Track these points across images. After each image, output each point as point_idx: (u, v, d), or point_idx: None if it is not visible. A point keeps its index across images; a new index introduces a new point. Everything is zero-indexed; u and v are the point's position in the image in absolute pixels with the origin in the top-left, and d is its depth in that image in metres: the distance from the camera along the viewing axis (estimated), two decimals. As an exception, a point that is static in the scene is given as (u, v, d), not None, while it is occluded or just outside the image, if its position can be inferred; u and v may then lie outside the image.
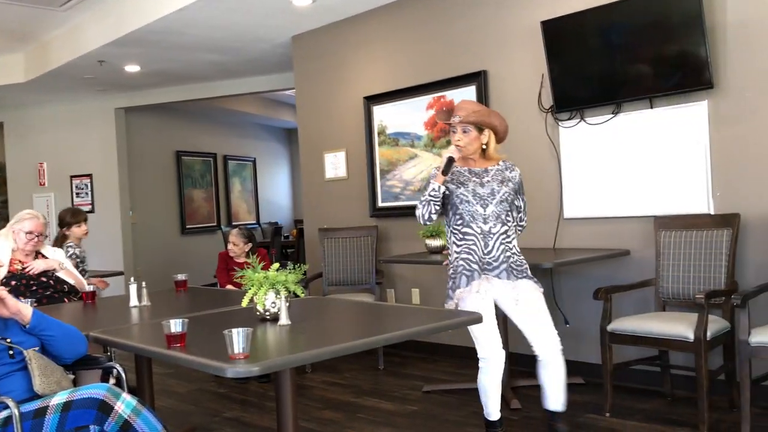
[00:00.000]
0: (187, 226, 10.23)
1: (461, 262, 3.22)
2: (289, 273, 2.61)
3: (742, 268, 3.86)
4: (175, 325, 2.22)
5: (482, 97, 5.06)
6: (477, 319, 2.58)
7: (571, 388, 4.35)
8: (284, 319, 2.52)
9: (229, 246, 5.38)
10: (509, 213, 3.25)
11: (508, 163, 3.33)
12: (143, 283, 3.48)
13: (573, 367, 4.56)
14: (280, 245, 10.37)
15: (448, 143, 5.36)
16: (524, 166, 4.85)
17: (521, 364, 4.77)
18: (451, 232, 3.28)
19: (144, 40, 6.25)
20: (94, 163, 9.10)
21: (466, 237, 3.20)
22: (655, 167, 4.23)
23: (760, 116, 3.81)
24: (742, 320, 3.33)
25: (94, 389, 2.38)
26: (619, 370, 3.93)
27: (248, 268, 2.65)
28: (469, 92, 5.15)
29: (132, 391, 2.57)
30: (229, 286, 5.09)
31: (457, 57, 5.24)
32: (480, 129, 3.23)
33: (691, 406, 3.62)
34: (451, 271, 3.28)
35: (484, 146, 3.27)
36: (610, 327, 3.80)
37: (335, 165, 6.25)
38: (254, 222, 11.54)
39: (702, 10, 3.85)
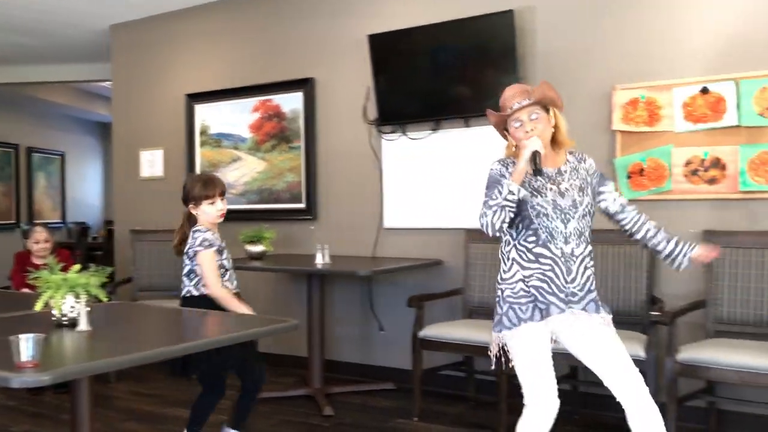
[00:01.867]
0: (-20, 223, 9.24)
1: (532, 290, 2.51)
2: (92, 275, 2.42)
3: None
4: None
5: (309, 105, 5.07)
6: (292, 326, 2.52)
7: (381, 393, 4.49)
8: (84, 325, 2.33)
9: (36, 245, 4.91)
10: (589, 228, 2.57)
11: (577, 153, 2.64)
12: None
13: (385, 373, 4.70)
14: (86, 246, 9.70)
15: (273, 147, 5.28)
16: (347, 176, 4.98)
17: (336, 370, 4.82)
18: (517, 249, 2.56)
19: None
20: None
21: (541, 259, 2.51)
22: (469, 183, 4.46)
23: (560, 141, 4.14)
24: (539, 328, 3.58)
25: None
26: (429, 375, 4.08)
27: (44, 269, 2.43)
28: (296, 98, 5.13)
29: None
30: (26, 289, 4.64)
31: (286, 62, 5.21)
32: (546, 108, 2.58)
33: (493, 409, 3.85)
34: (509, 298, 2.56)
35: (552, 130, 2.58)
36: (421, 333, 3.94)
37: (152, 163, 5.95)
38: (59, 221, 10.68)
39: (515, 40, 4.14)
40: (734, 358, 3.11)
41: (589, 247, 2.55)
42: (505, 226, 2.48)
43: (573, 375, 3.85)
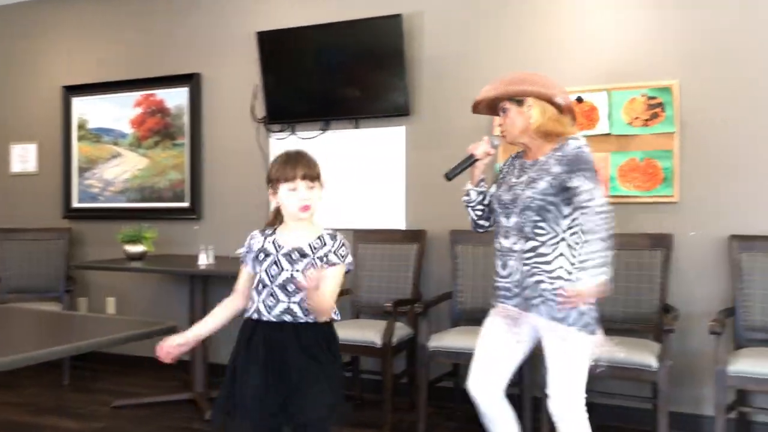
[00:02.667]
0: None
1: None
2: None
3: (426, 280, 4.25)
4: None
5: (194, 101, 4.94)
6: (169, 328, 2.45)
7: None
8: (-61, 330, 2.16)
9: None
10: (541, 223, 2.43)
11: (567, 140, 2.45)
12: None
13: (272, 376, 4.63)
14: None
15: (156, 144, 5.12)
16: (234, 175, 4.88)
17: (221, 373, 4.70)
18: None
19: None
20: None
21: (496, 252, 2.56)
22: (358, 184, 4.48)
23: (446, 143, 4.24)
24: (423, 327, 3.66)
25: None
26: (315, 376, 4.06)
27: None
28: (181, 94, 4.98)
29: None
30: None
31: (171, 56, 5.04)
32: (519, 101, 2.48)
33: (378, 408, 3.88)
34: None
35: (531, 120, 2.46)
36: (308, 335, 3.92)
37: (23, 158, 5.60)
38: None
39: (403, 45, 4.21)
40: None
41: (533, 244, 2.40)
42: (483, 223, 2.65)
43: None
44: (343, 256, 2.20)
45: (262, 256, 2.22)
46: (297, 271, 2.13)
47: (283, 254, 2.17)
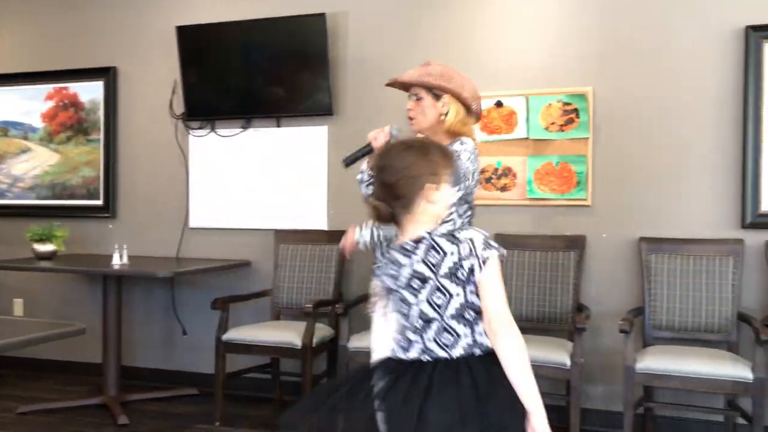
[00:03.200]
0: None
1: None
2: None
3: (347, 280, 4.24)
4: None
5: (110, 95, 4.77)
6: (78, 331, 2.36)
7: (184, 399, 4.32)
8: None
9: None
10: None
11: (460, 140, 2.49)
12: None
13: (188, 378, 4.54)
14: None
15: (69, 139, 4.93)
16: (151, 172, 4.75)
17: (135, 377, 4.57)
18: None
19: None
20: None
21: None
22: (280, 183, 4.43)
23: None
24: (344, 327, 3.65)
25: None
26: (233, 378, 3.99)
27: None
28: (96, 87, 4.81)
29: None
30: None
31: (86, 48, 4.85)
32: (437, 96, 2.52)
33: (297, 409, 3.83)
34: None
35: (443, 117, 2.49)
36: (225, 336, 3.85)
37: None
38: None
39: (327, 44, 4.18)
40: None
41: None
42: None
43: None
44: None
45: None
46: None
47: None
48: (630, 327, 3.26)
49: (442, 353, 1.73)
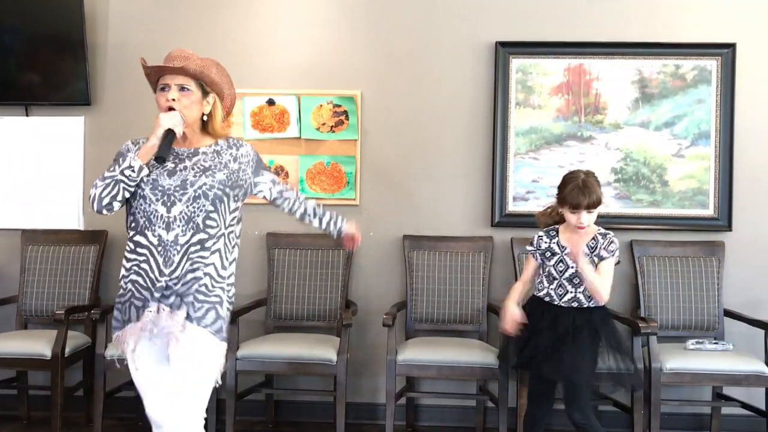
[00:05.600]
0: None
1: (130, 286, 2.20)
2: None
3: (107, 284, 3.95)
4: None
5: None
6: None
7: None
8: None
9: None
10: (213, 215, 2.23)
11: (233, 140, 2.38)
12: None
13: None
14: None
15: None
16: None
17: None
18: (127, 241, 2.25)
19: None
20: None
21: (138, 249, 2.20)
22: (29, 178, 4.03)
23: (132, 136, 3.97)
24: (101, 335, 3.40)
25: None
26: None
27: None
28: None
29: None
30: None
31: None
32: (205, 91, 2.32)
33: (48, 426, 3.50)
34: (118, 298, 2.25)
35: (205, 118, 2.33)
36: (-42, 350, 3.40)
37: None
38: None
39: (84, 28, 3.87)
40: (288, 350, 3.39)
41: (201, 236, 2.19)
42: (118, 205, 2.20)
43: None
44: (612, 252, 2.80)
45: (548, 254, 2.86)
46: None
47: (567, 254, 2.82)
48: (393, 321, 3.41)
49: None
